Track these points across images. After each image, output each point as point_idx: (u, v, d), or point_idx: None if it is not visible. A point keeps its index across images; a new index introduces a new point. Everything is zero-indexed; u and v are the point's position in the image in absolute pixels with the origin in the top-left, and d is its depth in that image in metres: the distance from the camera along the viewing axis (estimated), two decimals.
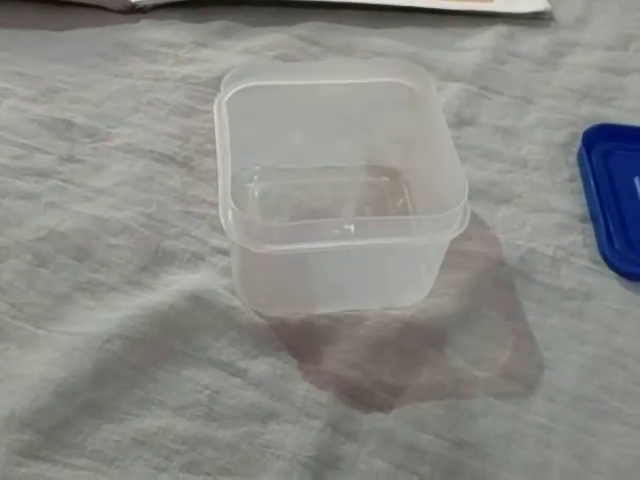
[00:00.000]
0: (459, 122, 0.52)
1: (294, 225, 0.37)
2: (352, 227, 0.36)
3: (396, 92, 0.44)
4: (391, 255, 0.39)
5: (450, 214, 0.36)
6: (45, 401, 0.35)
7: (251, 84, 0.42)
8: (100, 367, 0.37)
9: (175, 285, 0.40)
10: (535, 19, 0.60)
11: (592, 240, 0.46)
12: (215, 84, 0.51)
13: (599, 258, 0.45)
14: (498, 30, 0.59)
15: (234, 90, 0.42)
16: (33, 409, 0.35)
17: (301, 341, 0.39)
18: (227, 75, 0.41)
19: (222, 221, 0.36)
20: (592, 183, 0.47)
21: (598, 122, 0.51)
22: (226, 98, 0.41)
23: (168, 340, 0.38)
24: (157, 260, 0.42)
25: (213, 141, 0.47)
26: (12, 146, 0.47)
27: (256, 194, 0.46)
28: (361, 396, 0.37)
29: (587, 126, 0.51)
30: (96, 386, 0.36)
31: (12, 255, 0.41)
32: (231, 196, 0.36)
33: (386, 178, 0.47)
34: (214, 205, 0.44)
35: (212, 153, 0.47)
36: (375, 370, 0.38)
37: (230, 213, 0.36)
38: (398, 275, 0.40)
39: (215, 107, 0.41)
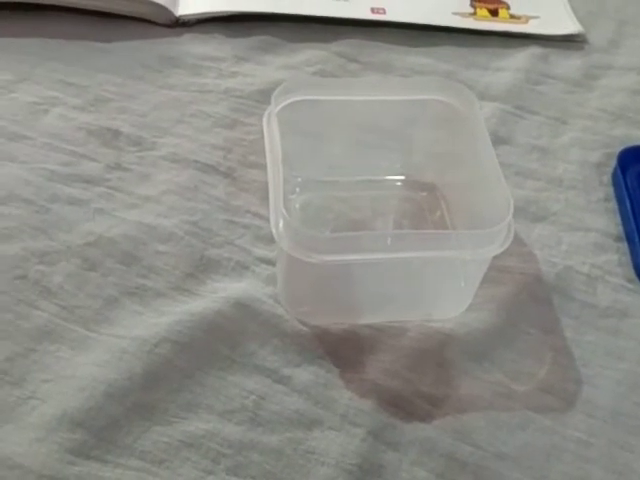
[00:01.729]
0: (495, 140, 0.52)
1: (341, 236, 0.38)
2: (392, 240, 0.37)
3: (435, 109, 0.45)
4: (432, 268, 0.40)
5: (495, 230, 0.37)
6: (96, 401, 0.36)
7: (298, 98, 0.43)
8: (149, 370, 0.38)
9: (220, 292, 0.41)
10: (568, 41, 0.62)
11: (627, 259, 0.46)
12: (257, 97, 0.53)
13: (634, 277, 0.45)
14: (532, 51, 0.60)
15: (284, 103, 0.43)
16: (84, 409, 0.36)
17: (343, 350, 0.40)
18: (277, 89, 0.42)
19: (273, 230, 0.37)
20: (627, 203, 0.48)
21: (632, 143, 0.52)
22: (276, 110, 0.42)
23: (215, 345, 0.39)
24: (202, 267, 0.43)
25: (256, 153, 0.49)
26: (61, 153, 0.48)
27: (297, 205, 0.47)
28: (402, 405, 0.38)
29: (621, 147, 0.52)
30: (145, 388, 0.37)
31: (62, 259, 0.42)
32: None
33: (424, 193, 0.48)
34: (257, 215, 0.46)
35: (255, 165, 0.49)
36: (416, 380, 0.39)
37: (281, 222, 0.37)
38: (439, 288, 0.41)
39: (265, 119, 0.42)
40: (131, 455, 0.35)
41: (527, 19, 0.63)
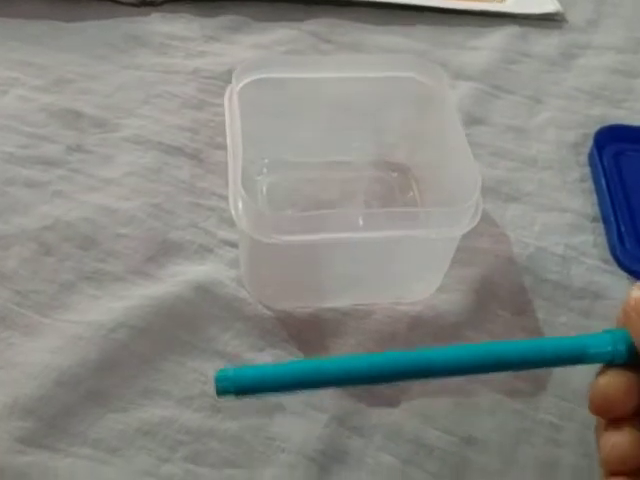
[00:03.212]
0: (470, 120, 0.51)
1: (303, 216, 0.37)
2: (361, 219, 0.36)
3: (407, 87, 0.44)
4: (400, 248, 0.38)
5: (462, 208, 0.36)
6: (48, 389, 0.35)
7: (262, 76, 0.42)
8: (105, 356, 0.36)
9: (182, 276, 0.40)
10: (546, 20, 0.60)
11: (602, 240, 0.45)
12: (226, 78, 0.51)
13: (609, 258, 0.44)
14: (510, 30, 0.59)
15: (245, 81, 0.41)
16: (36, 397, 0.34)
17: (308, 334, 0.39)
18: (239, 66, 0.41)
19: (232, 211, 0.36)
20: (603, 183, 0.47)
21: (609, 123, 0.51)
22: (237, 89, 0.40)
23: (174, 330, 0.38)
24: (164, 251, 0.41)
25: (223, 134, 0.47)
26: (20, 135, 0.46)
27: (264, 187, 0.46)
28: (368, 390, 0.37)
29: (598, 127, 0.50)
30: (100, 375, 0.36)
31: (17, 243, 0.41)
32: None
33: (395, 174, 0.47)
34: (223, 197, 0.44)
35: (222, 146, 0.47)
36: None
37: (240, 203, 0.36)
38: (407, 269, 0.40)
39: (226, 97, 0.41)
40: (84, 443, 0.34)
41: None
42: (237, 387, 0.25)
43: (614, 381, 0.26)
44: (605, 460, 0.27)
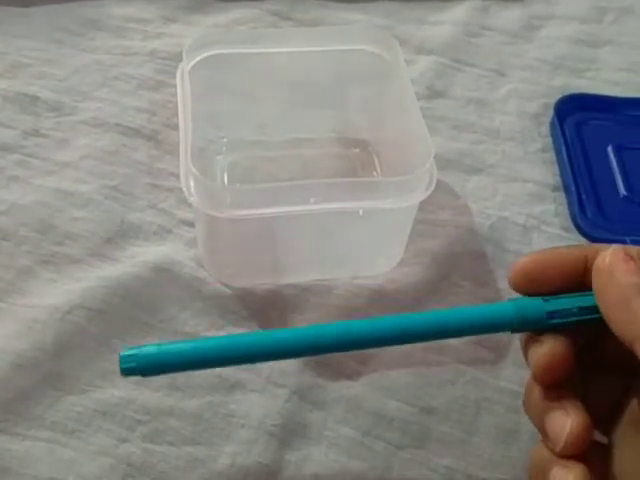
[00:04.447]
0: (431, 94, 0.51)
1: (257, 188, 0.36)
2: (316, 191, 0.35)
3: (364, 60, 0.44)
4: (358, 221, 0.38)
5: (415, 176, 0.36)
6: (3, 373, 0.34)
7: (214, 52, 0.42)
8: (61, 339, 0.36)
9: (140, 257, 0.40)
10: None
11: (564, 209, 0.45)
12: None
13: (571, 226, 0.44)
14: (471, 4, 0.58)
15: (197, 59, 0.41)
16: None
17: (268, 311, 0.39)
18: (189, 43, 0.40)
19: (184, 189, 0.35)
20: (564, 152, 0.47)
21: (571, 93, 0.51)
22: (189, 67, 0.40)
23: (132, 311, 0.37)
24: (122, 232, 0.41)
25: None
26: None
27: (224, 167, 0.45)
28: (328, 364, 0.37)
29: (560, 97, 0.50)
30: (57, 358, 0.35)
31: None
32: (198, 169, 0.35)
33: (357, 150, 0.47)
34: None
35: (179, 127, 0.47)
36: None
37: (192, 180, 0.35)
38: (366, 243, 0.39)
39: (178, 75, 0.40)
40: (41, 426, 0.34)
41: None
42: (142, 367, 0.26)
43: (556, 347, 0.26)
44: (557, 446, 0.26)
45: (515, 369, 0.38)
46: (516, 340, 0.38)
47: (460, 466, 0.34)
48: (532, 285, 0.27)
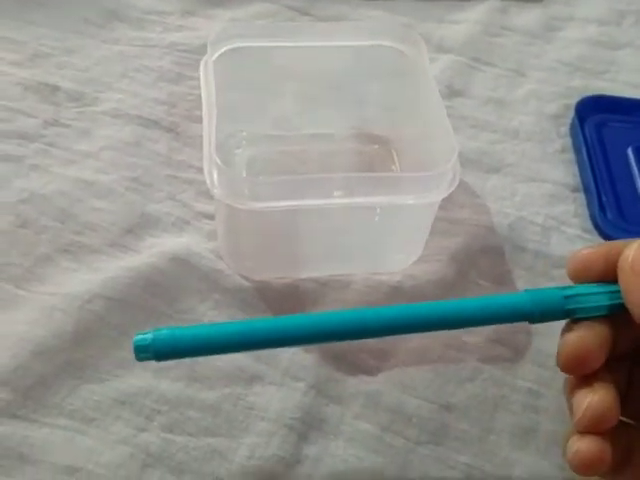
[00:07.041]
0: (451, 93, 0.51)
1: (279, 180, 0.36)
2: (339, 184, 0.35)
3: (387, 56, 0.43)
4: (379, 216, 0.38)
5: (439, 173, 0.36)
6: (23, 360, 0.34)
7: (238, 45, 0.41)
8: (81, 327, 0.36)
9: (159, 248, 0.40)
10: None
11: (583, 210, 0.45)
12: (202, 51, 0.49)
13: (590, 227, 0.44)
14: (491, 4, 0.58)
15: (221, 51, 0.41)
16: (10, 368, 0.34)
17: (286, 304, 0.38)
18: (214, 34, 0.40)
19: (207, 180, 0.35)
20: (585, 153, 0.47)
21: (590, 94, 0.51)
22: (213, 58, 0.40)
23: (151, 301, 0.37)
24: (142, 223, 0.41)
25: (200, 107, 0.46)
26: None
27: (243, 161, 0.45)
28: (347, 359, 0.37)
29: (579, 98, 0.50)
30: (76, 346, 0.35)
31: None
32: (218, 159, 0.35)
33: (375, 146, 0.47)
34: (200, 170, 0.43)
35: (199, 119, 0.45)
36: None
37: (215, 172, 0.35)
38: (386, 238, 0.39)
39: (202, 66, 0.40)
40: (59, 414, 0.34)
41: None
42: (156, 349, 0.25)
43: (587, 335, 0.26)
44: (580, 421, 0.27)
45: (534, 368, 0.38)
46: (535, 339, 0.39)
47: (478, 463, 0.34)
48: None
